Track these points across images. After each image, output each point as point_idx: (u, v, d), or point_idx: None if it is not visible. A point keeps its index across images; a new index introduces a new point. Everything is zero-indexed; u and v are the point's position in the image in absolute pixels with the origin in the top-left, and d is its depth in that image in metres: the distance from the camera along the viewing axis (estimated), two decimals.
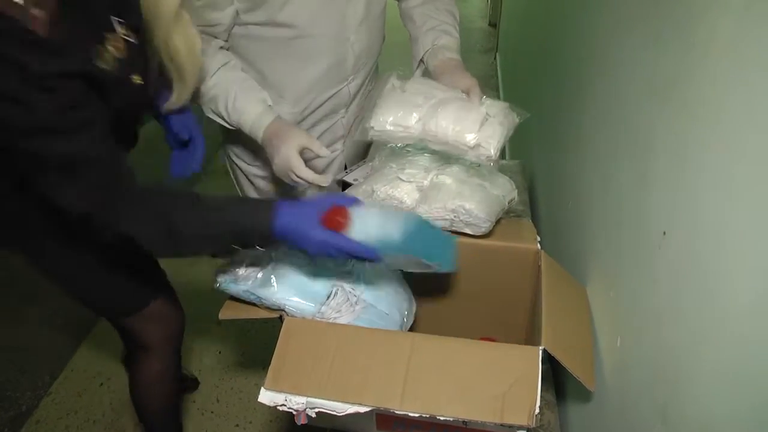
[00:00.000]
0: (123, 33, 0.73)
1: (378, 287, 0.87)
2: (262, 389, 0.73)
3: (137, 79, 0.76)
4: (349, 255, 0.75)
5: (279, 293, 0.80)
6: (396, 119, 0.96)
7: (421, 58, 1.14)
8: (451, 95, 0.99)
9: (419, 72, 1.16)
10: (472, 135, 0.92)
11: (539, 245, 0.95)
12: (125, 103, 0.76)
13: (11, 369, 1.73)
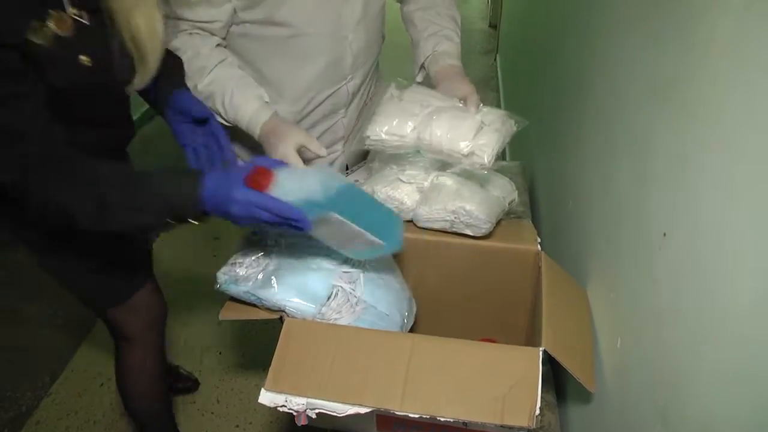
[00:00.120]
0: (73, 12, 0.73)
1: (378, 288, 0.87)
2: (262, 390, 0.73)
3: (85, 60, 0.76)
4: (276, 216, 0.74)
5: (279, 294, 0.80)
6: (391, 128, 0.97)
7: (422, 63, 1.14)
8: (448, 104, 0.99)
9: (421, 77, 1.17)
10: (466, 143, 0.91)
11: (539, 246, 0.95)
12: (69, 83, 0.75)
13: (11, 369, 1.73)
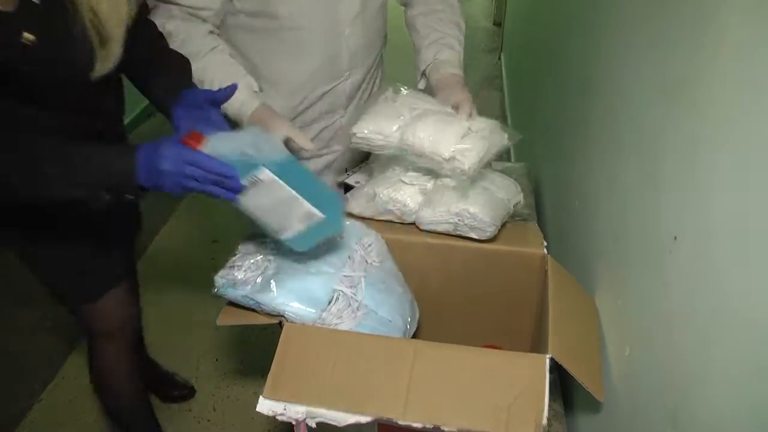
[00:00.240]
0: None
1: (380, 292, 0.87)
2: (260, 398, 0.72)
3: (29, 39, 0.76)
4: (206, 173, 0.74)
5: (279, 299, 0.80)
6: (377, 127, 0.98)
7: (423, 71, 1.15)
8: (439, 108, 1.00)
9: (423, 84, 1.17)
10: (448, 147, 0.91)
11: (546, 250, 0.95)
12: (7, 59, 0.76)
13: (2, 375, 1.73)
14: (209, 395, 1.68)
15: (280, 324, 0.82)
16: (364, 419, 0.70)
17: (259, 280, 0.83)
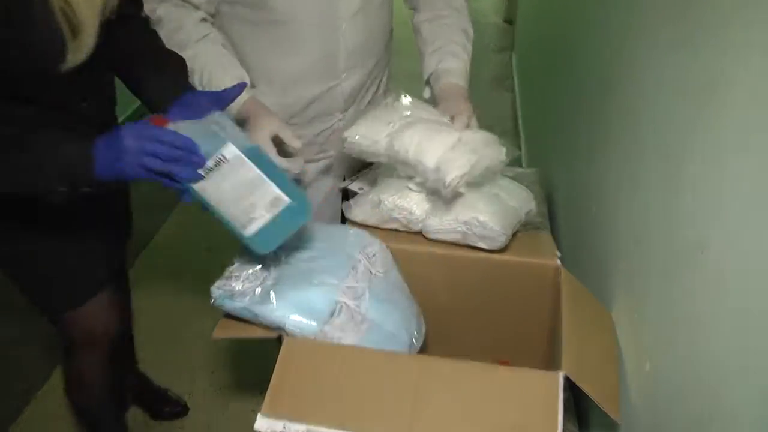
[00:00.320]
0: None
1: (385, 304, 0.87)
2: (258, 415, 0.73)
3: None
4: (169, 150, 0.75)
5: (278, 310, 0.81)
6: (367, 132, 0.99)
7: (427, 79, 1.17)
8: (435, 118, 1.01)
9: (428, 93, 1.19)
10: (433, 157, 0.92)
11: (559, 261, 0.95)
12: None
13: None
14: (204, 412, 1.68)
15: (279, 338, 0.83)
16: None
17: (258, 291, 0.84)
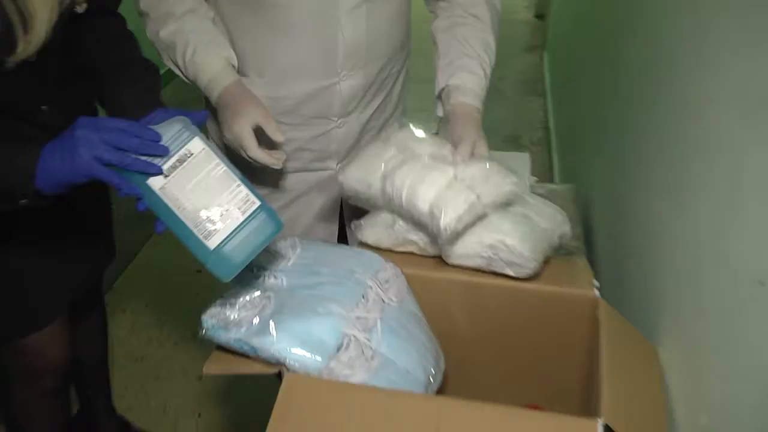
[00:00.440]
0: None
1: (399, 338, 0.87)
2: None
3: None
4: (128, 138, 0.77)
5: (279, 343, 0.81)
6: (361, 175, 1.02)
7: (438, 95, 1.16)
8: (433, 151, 1.01)
9: (441, 111, 1.18)
10: (426, 200, 0.92)
11: (597, 291, 0.95)
12: None
13: None
14: None
15: (279, 374, 0.83)
16: None
17: (256, 320, 0.84)
